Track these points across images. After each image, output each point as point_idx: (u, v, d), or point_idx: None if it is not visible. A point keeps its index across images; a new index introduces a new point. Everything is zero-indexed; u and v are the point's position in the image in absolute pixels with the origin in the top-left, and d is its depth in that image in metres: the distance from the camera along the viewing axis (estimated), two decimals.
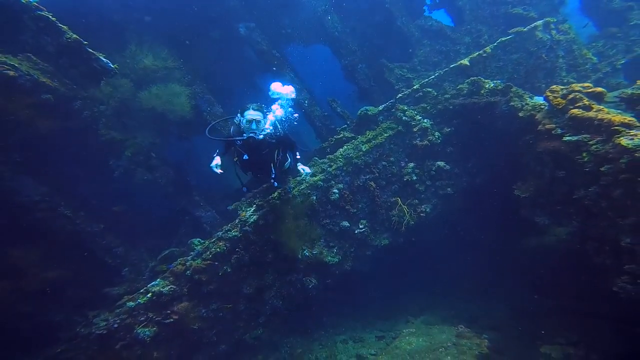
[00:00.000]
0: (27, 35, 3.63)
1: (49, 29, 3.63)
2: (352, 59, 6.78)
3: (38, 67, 3.95)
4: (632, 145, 2.60)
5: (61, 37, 3.62)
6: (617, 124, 2.80)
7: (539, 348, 4.02)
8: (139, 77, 4.82)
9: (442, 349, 4.32)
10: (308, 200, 5.11)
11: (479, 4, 6.21)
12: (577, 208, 3.46)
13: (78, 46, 3.72)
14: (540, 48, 5.04)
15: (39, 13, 3.58)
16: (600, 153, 2.95)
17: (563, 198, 3.63)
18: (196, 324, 4.48)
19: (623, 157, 2.70)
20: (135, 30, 5.21)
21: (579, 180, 3.32)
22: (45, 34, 3.64)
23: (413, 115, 5.41)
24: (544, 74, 5.17)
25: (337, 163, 5.33)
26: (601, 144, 2.94)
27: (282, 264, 5.08)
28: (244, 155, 3.69)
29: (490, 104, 4.61)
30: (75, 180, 4.71)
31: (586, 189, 3.22)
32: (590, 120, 3.07)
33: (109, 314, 3.94)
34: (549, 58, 5.05)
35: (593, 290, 3.57)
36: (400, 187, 5.51)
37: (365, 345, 5.39)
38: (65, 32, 3.64)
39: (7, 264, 3.76)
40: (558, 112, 3.50)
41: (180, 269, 4.46)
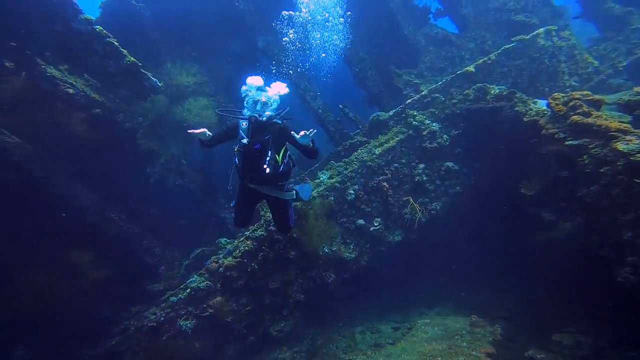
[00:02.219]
0: (95, 58, 4.05)
1: (113, 53, 4.02)
2: (362, 67, 7.06)
3: (89, 83, 4.33)
4: (628, 150, 2.87)
5: (122, 60, 4.02)
6: (614, 130, 3.06)
7: (550, 336, 4.13)
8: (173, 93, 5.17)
9: (458, 336, 4.60)
10: (326, 201, 5.43)
11: (482, 11, 6.44)
12: (580, 205, 3.69)
13: (135, 68, 4.11)
14: (543, 54, 5.27)
15: (108, 40, 3.98)
16: (599, 156, 3.22)
17: (567, 196, 3.88)
18: (229, 317, 4.84)
19: (620, 160, 2.97)
20: (168, 47, 5.57)
21: (581, 180, 3.57)
22: (109, 58, 4.04)
23: (422, 120, 5.69)
24: (546, 78, 5.40)
25: (352, 166, 5.64)
26: (600, 147, 3.21)
27: (304, 261, 5.41)
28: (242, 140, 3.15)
29: (496, 108, 4.87)
30: (117, 186, 5.10)
31: (588, 188, 3.48)
32: (590, 126, 3.34)
33: (156, 308, 4.32)
34: (551, 63, 5.29)
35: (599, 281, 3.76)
36: (411, 187, 5.80)
37: (382, 335, 5.69)
38: (126, 56, 4.04)
39: (68, 265, 4.15)
40: (560, 117, 3.76)
41: (214, 266, 4.82)
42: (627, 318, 3.61)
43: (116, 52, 4.04)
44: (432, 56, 6.79)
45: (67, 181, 4.46)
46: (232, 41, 6.60)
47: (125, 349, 4.06)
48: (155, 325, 4.21)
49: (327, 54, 4.73)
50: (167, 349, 4.19)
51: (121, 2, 5.54)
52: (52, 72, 4.26)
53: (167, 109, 5.09)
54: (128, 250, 4.91)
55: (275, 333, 5.46)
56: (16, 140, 4.10)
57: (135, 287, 4.96)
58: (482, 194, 5.71)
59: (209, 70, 6.17)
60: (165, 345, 4.19)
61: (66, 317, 4.17)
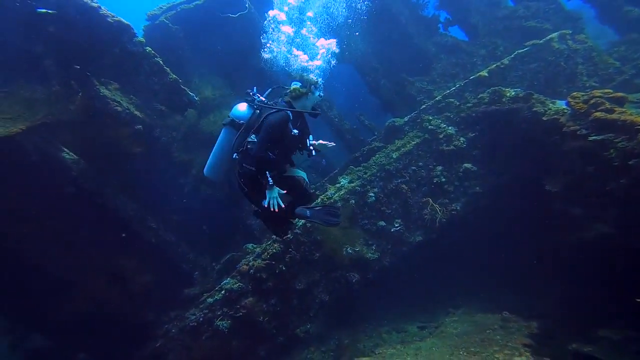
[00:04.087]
0: (142, 76, 4.36)
1: (159, 72, 4.33)
2: (375, 76, 7.19)
3: (132, 101, 4.64)
4: None
5: (165, 78, 4.33)
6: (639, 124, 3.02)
7: (595, 332, 3.80)
8: (201, 105, 5.44)
9: (490, 331, 4.39)
10: (348, 204, 5.48)
11: (491, 20, 6.49)
12: (612, 199, 3.56)
13: (176, 84, 4.40)
14: (558, 57, 5.22)
15: (155, 60, 4.31)
16: (627, 149, 3.15)
17: (595, 190, 3.76)
18: (260, 317, 4.88)
19: None
20: (197, 64, 5.91)
21: (609, 174, 3.49)
22: (154, 76, 4.36)
23: (438, 124, 5.71)
24: (564, 79, 5.32)
25: (371, 170, 5.69)
26: (626, 141, 3.15)
27: (328, 262, 5.43)
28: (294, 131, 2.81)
29: (513, 110, 4.85)
30: (155, 196, 5.33)
31: (617, 182, 3.40)
32: (614, 121, 3.29)
33: (195, 309, 4.43)
34: (567, 65, 5.22)
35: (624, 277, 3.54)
36: (430, 188, 5.77)
37: (408, 334, 5.57)
38: (169, 74, 4.35)
39: (116, 271, 4.36)
40: (581, 115, 3.72)
41: (245, 268, 4.91)
42: None
43: (161, 71, 4.33)
44: (443, 63, 6.86)
45: (113, 193, 4.72)
46: (252, 57, 6.88)
47: (169, 350, 4.16)
48: (196, 325, 4.30)
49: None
50: (207, 348, 4.26)
51: (161, 26, 6.00)
52: (104, 92, 4.61)
53: (197, 121, 5.34)
54: (166, 257, 5.08)
55: (302, 334, 5.45)
56: (74, 157, 4.41)
57: (174, 292, 5.10)
58: (503, 194, 5.60)
59: (232, 84, 6.45)
60: (204, 344, 4.26)
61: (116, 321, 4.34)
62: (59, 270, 4.28)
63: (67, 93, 4.31)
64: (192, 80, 5.67)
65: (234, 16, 5.98)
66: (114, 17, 4.33)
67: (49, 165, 4.21)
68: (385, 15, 7.03)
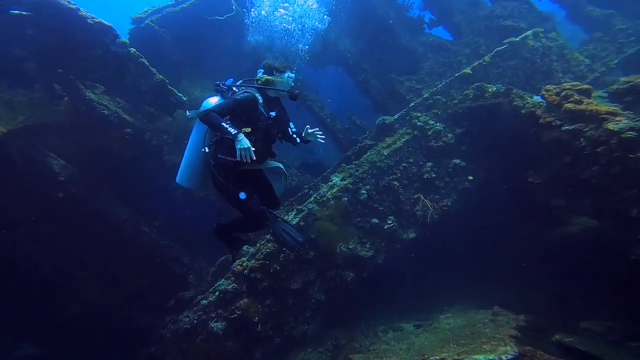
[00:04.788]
0: (129, 78, 4.59)
1: (145, 73, 4.58)
2: (365, 76, 7.61)
3: (120, 105, 4.89)
4: (618, 129, 3.18)
5: (152, 78, 4.57)
6: (604, 113, 3.40)
7: (578, 324, 4.08)
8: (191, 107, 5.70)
9: (481, 324, 4.68)
10: (341, 202, 5.77)
11: (473, 19, 7.00)
12: (586, 188, 3.93)
13: (163, 85, 4.66)
14: (534, 54, 5.70)
15: (141, 60, 4.56)
16: (594, 137, 3.52)
17: (573, 180, 4.13)
18: (255, 317, 5.08)
19: (613, 139, 3.28)
20: (186, 67, 6.22)
21: (582, 162, 3.85)
22: (141, 77, 4.59)
23: (426, 120, 6.09)
24: (542, 76, 5.80)
25: (363, 167, 6.01)
26: (594, 130, 3.53)
27: (323, 261, 5.68)
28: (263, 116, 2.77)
29: (495, 105, 5.26)
30: (147, 200, 5.54)
31: (590, 169, 3.76)
32: (582, 111, 3.68)
33: (189, 311, 4.61)
34: (543, 62, 5.70)
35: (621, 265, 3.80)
36: (421, 184, 6.11)
37: (404, 333, 5.77)
38: (155, 74, 4.60)
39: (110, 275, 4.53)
40: (554, 107, 4.11)
41: (239, 269, 5.13)
42: None
43: (147, 72, 4.59)
44: (430, 62, 7.31)
45: (105, 197, 4.93)
46: (243, 60, 7.23)
47: (163, 354, 4.32)
48: (190, 328, 4.47)
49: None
50: (202, 350, 4.43)
51: (147, 29, 6.23)
52: (90, 96, 4.83)
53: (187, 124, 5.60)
54: (160, 261, 5.26)
55: (300, 336, 5.63)
56: (62, 162, 4.61)
57: (169, 296, 5.27)
58: (493, 188, 5.96)
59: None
60: (199, 347, 4.43)
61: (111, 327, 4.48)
62: (50, 276, 4.42)
63: (50, 96, 4.52)
64: (181, 82, 5.96)
65: (221, 18, 6.33)
66: (94, 18, 4.47)
67: (35, 171, 4.39)
68: (372, 17, 7.50)
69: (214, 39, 6.70)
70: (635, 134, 3.06)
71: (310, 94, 7.31)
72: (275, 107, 3.03)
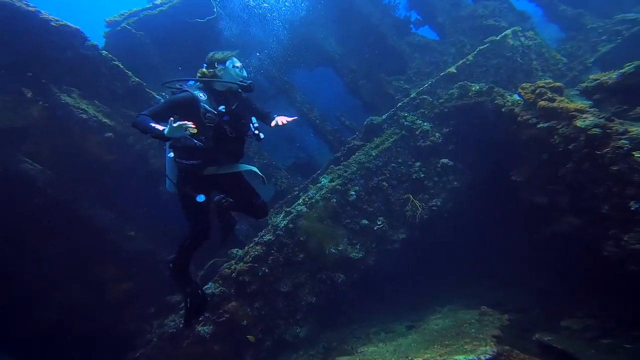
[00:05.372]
0: (102, 81, 4.74)
1: (119, 75, 4.75)
2: (353, 77, 7.88)
3: (100, 109, 5.08)
4: (585, 125, 3.43)
5: (128, 81, 4.74)
6: (573, 110, 3.66)
7: (558, 322, 4.33)
8: None
9: (467, 325, 4.93)
10: (329, 203, 5.99)
11: (456, 19, 7.31)
12: (564, 185, 4.17)
13: (140, 88, 4.85)
14: (515, 53, 6.00)
15: (113, 63, 4.74)
16: (566, 134, 3.78)
17: (552, 178, 4.37)
18: (244, 320, 5.26)
19: (581, 136, 3.54)
20: (168, 71, 6.43)
21: (558, 159, 4.11)
22: (116, 80, 4.76)
23: (414, 120, 6.35)
24: (523, 75, 6.09)
25: (352, 168, 6.24)
26: (565, 127, 3.80)
27: (313, 263, 5.88)
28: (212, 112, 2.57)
29: (478, 103, 5.53)
30: (133, 205, 5.73)
31: (565, 166, 4.02)
32: (555, 109, 3.94)
33: (175, 315, 4.78)
34: (524, 61, 6.00)
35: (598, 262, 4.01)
36: (410, 184, 6.34)
37: (396, 334, 5.95)
38: (131, 77, 4.78)
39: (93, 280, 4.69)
40: (531, 105, 4.38)
41: (227, 272, 5.32)
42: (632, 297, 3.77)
43: (122, 74, 4.75)
44: (417, 62, 7.60)
45: (88, 202, 5.10)
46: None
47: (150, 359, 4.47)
48: (175, 332, 4.64)
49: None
50: (188, 355, 4.59)
51: (123, 32, 6.32)
52: (66, 100, 4.83)
53: None
54: (147, 265, 5.43)
55: (291, 339, 5.81)
56: (38, 167, 4.68)
57: (156, 299, 5.44)
58: (482, 187, 6.21)
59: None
60: (186, 351, 4.60)
61: (95, 332, 4.64)
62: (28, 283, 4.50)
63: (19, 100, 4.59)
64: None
65: (202, 21, 6.56)
66: (58, 21, 4.53)
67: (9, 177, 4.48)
68: (358, 18, 7.80)
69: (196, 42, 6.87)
70: (600, 130, 3.31)
71: (298, 95, 7.57)
72: (234, 101, 2.78)
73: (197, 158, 2.66)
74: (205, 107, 2.63)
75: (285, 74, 7.72)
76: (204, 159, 2.68)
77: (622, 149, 3.10)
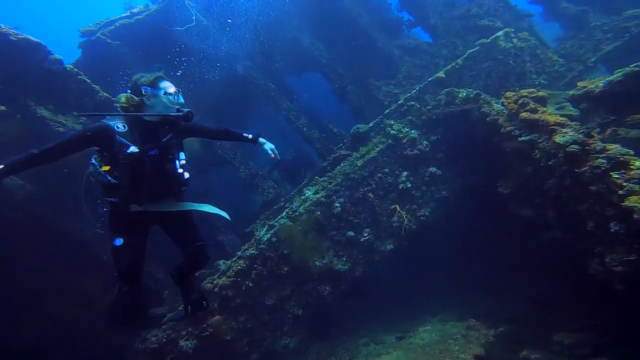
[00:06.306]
0: (72, 96, 4.83)
1: (88, 90, 4.83)
2: (341, 82, 7.78)
3: (79, 121, 5.21)
4: (563, 142, 3.26)
5: (96, 96, 4.83)
6: (553, 124, 3.48)
7: (550, 336, 4.28)
8: None
9: (452, 341, 4.87)
10: (313, 216, 5.98)
11: (449, 20, 7.07)
12: (549, 199, 4.02)
13: (109, 102, 4.96)
14: (506, 56, 5.75)
15: (80, 77, 4.82)
16: (547, 149, 3.62)
17: (537, 191, 4.22)
18: (229, 335, 5.36)
19: (560, 152, 3.36)
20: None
21: (543, 174, 3.96)
22: (85, 95, 4.85)
23: (400, 129, 6.22)
24: (515, 78, 5.84)
25: (336, 180, 6.20)
26: (546, 141, 3.63)
27: (298, 276, 5.91)
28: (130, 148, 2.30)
29: (465, 111, 5.36)
30: None
31: (548, 181, 3.86)
32: (536, 121, 3.77)
33: (157, 330, 4.94)
34: (516, 64, 5.75)
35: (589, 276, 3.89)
36: (397, 195, 6.25)
37: (385, 346, 5.97)
38: (99, 92, 4.87)
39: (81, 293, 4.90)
40: (514, 115, 4.21)
41: (209, 286, 5.43)
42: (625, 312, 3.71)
43: (90, 89, 4.82)
44: (408, 66, 7.42)
45: (70, 216, 5.26)
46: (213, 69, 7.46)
47: None
48: (157, 347, 4.80)
49: None
50: None
51: (98, 42, 6.36)
52: (42, 113, 4.93)
53: None
54: None
55: (281, 350, 5.88)
56: (18, 182, 4.82)
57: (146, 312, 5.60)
58: (471, 197, 6.04)
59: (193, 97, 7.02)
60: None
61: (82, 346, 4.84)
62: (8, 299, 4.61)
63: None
64: None
65: (182, 29, 6.57)
66: (17, 34, 4.54)
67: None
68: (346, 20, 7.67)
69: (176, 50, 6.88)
70: (579, 147, 3.14)
71: (285, 102, 7.54)
72: (168, 132, 2.50)
73: (114, 196, 2.40)
74: (121, 140, 2.32)
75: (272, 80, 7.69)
76: (122, 198, 2.40)
77: (600, 169, 2.93)
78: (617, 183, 2.74)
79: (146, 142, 2.40)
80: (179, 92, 2.57)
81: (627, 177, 2.71)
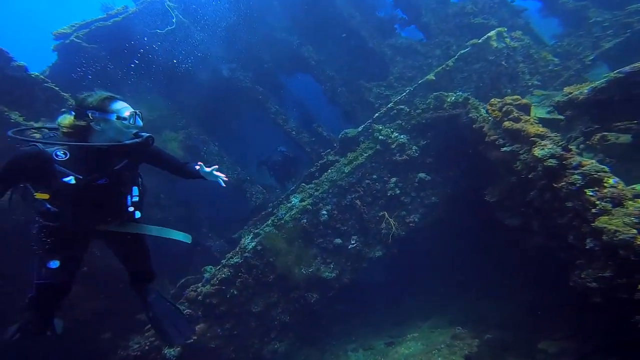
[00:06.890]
0: (39, 103, 4.82)
1: (55, 98, 4.84)
2: (332, 84, 7.71)
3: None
4: (542, 155, 3.16)
5: (65, 104, 4.87)
6: (533, 135, 3.36)
7: (535, 345, 4.33)
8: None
9: (436, 351, 4.86)
10: (299, 224, 5.99)
11: (442, 17, 6.87)
12: (533, 210, 3.94)
13: None
14: (499, 56, 5.57)
15: (46, 85, 4.82)
16: (527, 161, 3.52)
17: (522, 201, 4.13)
18: (213, 342, 5.45)
19: (539, 166, 3.26)
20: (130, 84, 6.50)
21: (525, 184, 3.86)
22: (53, 102, 4.86)
23: (388, 134, 6.14)
24: (508, 79, 5.66)
25: (323, 187, 6.17)
26: (526, 153, 3.52)
27: (284, 283, 5.95)
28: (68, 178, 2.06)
29: (454, 116, 5.24)
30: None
31: (530, 193, 3.76)
32: (519, 131, 3.66)
33: (140, 337, 5.06)
34: (509, 65, 5.56)
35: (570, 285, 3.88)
36: (386, 201, 6.19)
37: (374, 352, 6.00)
38: (68, 99, 4.90)
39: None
40: (498, 123, 4.09)
41: (192, 295, 5.52)
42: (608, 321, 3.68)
43: (57, 96, 4.82)
44: (399, 66, 7.29)
45: None
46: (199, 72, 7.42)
47: None
48: (140, 355, 4.91)
49: None
50: None
51: (73, 46, 6.23)
52: (17, 119, 4.80)
53: None
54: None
55: (269, 355, 5.96)
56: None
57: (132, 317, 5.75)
58: (460, 202, 5.94)
59: (179, 102, 7.03)
60: None
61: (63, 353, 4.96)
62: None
63: None
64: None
65: (162, 32, 6.50)
66: None
67: None
68: (337, 21, 7.56)
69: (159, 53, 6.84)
70: (556, 162, 3.04)
71: (272, 105, 7.52)
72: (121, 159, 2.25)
73: (53, 222, 2.20)
74: (61, 170, 2.04)
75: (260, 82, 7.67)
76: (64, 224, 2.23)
77: (575, 186, 2.82)
78: (591, 201, 2.64)
79: (94, 171, 2.13)
80: (136, 113, 2.22)
81: (600, 195, 2.61)
